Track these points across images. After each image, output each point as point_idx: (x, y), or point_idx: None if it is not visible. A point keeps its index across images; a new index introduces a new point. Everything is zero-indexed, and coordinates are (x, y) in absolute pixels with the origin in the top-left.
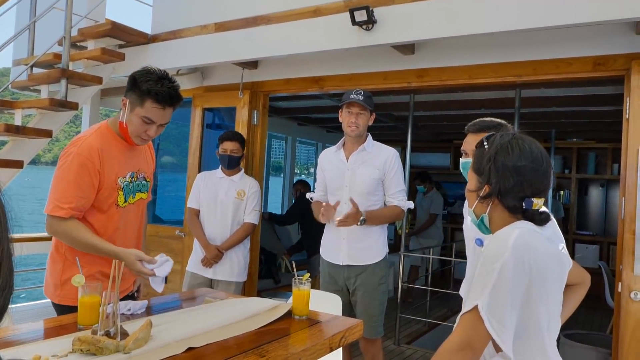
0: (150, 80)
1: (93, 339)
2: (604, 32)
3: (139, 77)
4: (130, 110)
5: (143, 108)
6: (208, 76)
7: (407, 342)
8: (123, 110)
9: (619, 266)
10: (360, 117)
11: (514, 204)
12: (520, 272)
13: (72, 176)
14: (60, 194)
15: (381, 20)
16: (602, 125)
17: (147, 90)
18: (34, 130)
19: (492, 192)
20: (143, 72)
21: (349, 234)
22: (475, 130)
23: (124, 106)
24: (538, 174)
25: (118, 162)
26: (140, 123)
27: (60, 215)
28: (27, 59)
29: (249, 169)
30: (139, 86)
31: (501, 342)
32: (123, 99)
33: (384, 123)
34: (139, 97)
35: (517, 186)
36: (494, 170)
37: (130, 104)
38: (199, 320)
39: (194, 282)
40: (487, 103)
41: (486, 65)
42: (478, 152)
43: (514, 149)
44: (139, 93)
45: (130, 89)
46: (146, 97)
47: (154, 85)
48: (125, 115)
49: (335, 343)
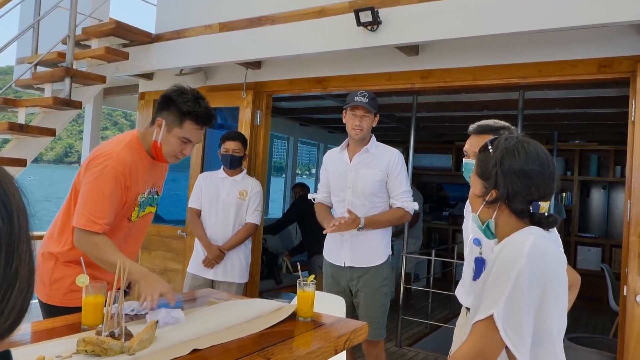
0: (189, 101)
1: (98, 339)
2: (609, 34)
3: (176, 97)
4: (168, 131)
5: (182, 129)
6: (211, 76)
7: (409, 344)
8: (157, 131)
9: (624, 269)
10: (364, 119)
11: (522, 208)
12: (535, 280)
13: (107, 191)
14: (96, 208)
15: (386, 21)
16: (604, 127)
17: (188, 112)
18: (37, 128)
19: (499, 197)
20: (178, 92)
21: (351, 235)
22: (478, 132)
23: (159, 127)
24: (545, 177)
25: (142, 179)
26: (178, 143)
27: (94, 231)
28: (31, 57)
29: (252, 170)
30: (179, 107)
31: (517, 353)
32: (158, 119)
33: (386, 124)
34: (177, 118)
35: (525, 190)
36: (501, 175)
37: (167, 125)
38: (204, 321)
39: (194, 283)
40: (490, 104)
41: (491, 67)
42: (482, 156)
43: (520, 153)
44: (178, 114)
45: (166, 109)
46: (186, 118)
47: (193, 107)
48: (161, 135)
49: (340, 346)
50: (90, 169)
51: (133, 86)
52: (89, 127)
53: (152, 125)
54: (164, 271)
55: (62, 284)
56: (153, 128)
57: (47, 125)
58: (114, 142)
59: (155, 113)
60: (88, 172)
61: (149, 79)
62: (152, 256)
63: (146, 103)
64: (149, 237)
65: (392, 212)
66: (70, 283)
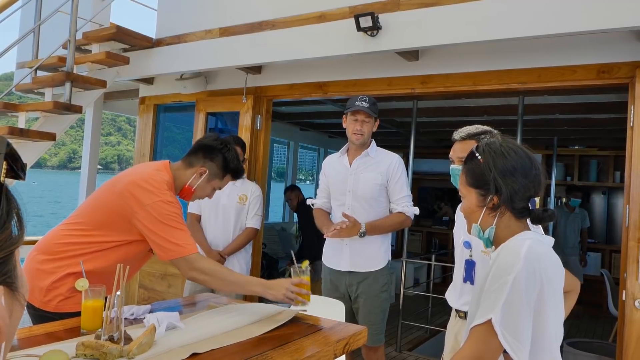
0: (235, 158)
1: (97, 343)
2: (608, 40)
3: (224, 152)
4: (207, 180)
5: (222, 181)
6: (212, 81)
7: (409, 348)
8: (197, 177)
9: (623, 274)
10: (365, 124)
11: (523, 205)
12: (532, 283)
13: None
14: (181, 236)
15: (386, 26)
16: (604, 133)
17: (233, 169)
18: (37, 133)
19: (503, 201)
20: (225, 146)
21: (351, 240)
22: (462, 138)
23: (200, 175)
24: (533, 172)
25: None
26: (211, 191)
27: (195, 252)
28: (32, 61)
29: (252, 174)
30: (226, 163)
31: (516, 357)
32: (202, 168)
33: (386, 129)
34: (221, 171)
35: (523, 187)
36: (500, 177)
37: (209, 175)
38: (203, 325)
39: (195, 288)
40: (490, 110)
41: (490, 72)
42: (471, 165)
43: (510, 153)
44: (224, 169)
45: (211, 160)
46: (228, 173)
47: (237, 164)
48: (199, 183)
49: (339, 350)
50: (157, 206)
51: (133, 91)
52: (90, 132)
53: (188, 167)
54: (164, 276)
55: (60, 292)
56: (190, 171)
57: (48, 130)
58: (160, 172)
59: (195, 158)
60: (157, 210)
61: (149, 84)
62: (152, 261)
63: (146, 108)
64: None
65: (393, 217)
66: (67, 290)
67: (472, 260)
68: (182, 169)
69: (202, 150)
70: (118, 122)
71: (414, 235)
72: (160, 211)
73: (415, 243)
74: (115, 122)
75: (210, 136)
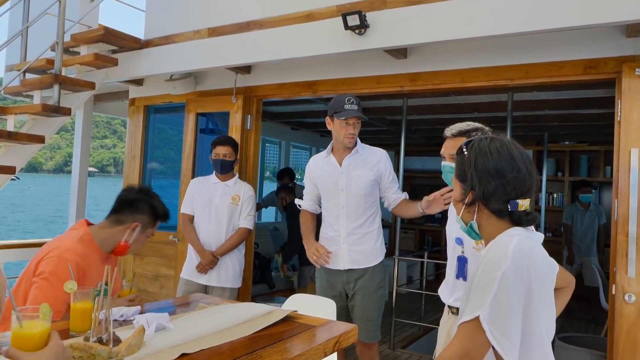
0: (160, 203)
1: (85, 345)
2: (594, 35)
3: (150, 200)
4: (141, 232)
5: (154, 228)
6: (201, 81)
7: (402, 346)
8: (130, 233)
9: (613, 268)
10: (357, 127)
11: (499, 207)
12: (520, 280)
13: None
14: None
15: (373, 24)
16: (594, 128)
17: (163, 214)
18: (26, 135)
19: (476, 198)
20: (146, 194)
21: (347, 237)
22: (453, 135)
23: (133, 230)
24: (520, 174)
25: (95, 273)
26: (145, 241)
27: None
28: (20, 64)
29: (243, 174)
30: (155, 211)
31: (504, 354)
32: (134, 223)
33: (377, 127)
34: (152, 220)
35: (500, 189)
36: (475, 175)
37: (142, 227)
38: (193, 325)
39: (188, 289)
40: (480, 106)
41: (478, 69)
42: (459, 159)
43: (493, 153)
44: (155, 217)
45: (139, 212)
46: (159, 220)
47: (164, 208)
48: (133, 237)
49: (329, 348)
50: (46, 261)
51: (123, 92)
52: (80, 134)
53: (117, 224)
54: (157, 277)
55: None
56: (121, 228)
57: (37, 132)
58: (66, 237)
59: (122, 216)
60: (44, 264)
61: (139, 85)
62: (145, 262)
63: (136, 109)
64: None
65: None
66: None
67: (464, 256)
68: (110, 227)
69: (128, 206)
70: (113, 125)
71: (406, 233)
72: (48, 264)
73: (408, 241)
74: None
75: (129, 189)
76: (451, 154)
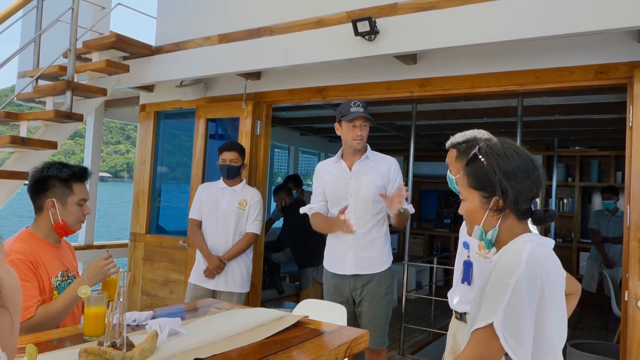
0: (60, 169)
1: (99, 350)
2: (606, 40)
3: (46, 172)
4: (62, 204)
5: (75, 193)
6: (211, 87)
7: (412, 352)
8: (53, 212)
9: (625, 274)
10: (364, 129)
11: (526, 207)
12: (533, 286)
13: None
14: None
15: (383, 30)
16: (604, 133)
17: (67, 176)
18: (39, 141)
19: (509, 203)
20: (42, 170)
21: (355, 242)
22: (453, 145)
23: (53, 207)
24: (536, 173)
25: (48, 263)
26: (77, 209)
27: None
28: (33, 71)
29: (252, 180)
30: (59, 178)
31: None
32: (47, 201)
33: (386, 132)
34: (63, 185)
35: (527, 188)
36: (504, 180)
37: (60, 199)
38: (205, 331)
39: (196, 293)
40: (489, 112)
41: (489, 75)
42: (473, 167)
43: (512, 154)
44: (63, 182)
45: (47, 189)
46: (71, 181)
47: (68, 171)
48: (58, 213)
49: (340, 354)
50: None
51: (134, 98)
52: (91, 140)
53: (40, 212)
54: (166, 282)
55: None
56: (45, 213)
57: (49, 138)
58: (4, 244)
59: (37, 202)
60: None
61: (149, 91)
62: (155, 267)
63: (147, 115)
64: (150, 248)
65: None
66: None
67: (470, 261)
68: (38, 217)
69: (36, 191)
70: (127, 131)
71: (415, 239)
72: None
73: (417, 246)
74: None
75: (30, 177)
76: (453, 164)
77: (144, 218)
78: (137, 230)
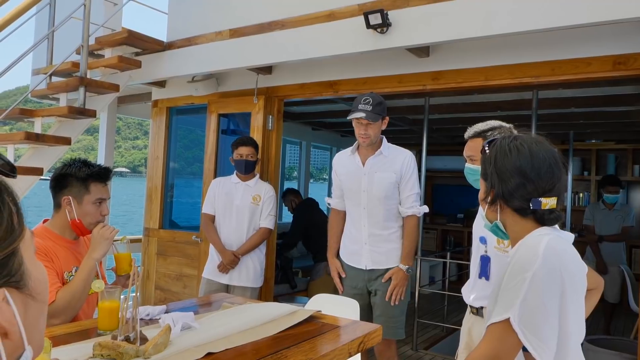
0: (80, 168)
1: (113, 344)
2: (623, 30)
3: (68, 171)
4: (79, 203)
5: (92, 193)
6: (223, 82)
7: (425, 347)
8: (69, 209)
9: None
10: (369, 127)
11: (521, 206)
12: (553, 281)
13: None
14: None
15: (395, 23)
16: (621, 126)
17: (85, 175)
18: (53, 137)
19: (496, 196)
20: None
21: (370, 238)
22: (470, 137)
23: (68, 205)
24: (541, 172)
25: (62, 258)
26: (94, 208)
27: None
28: (46, 68)
29: (265, 174)
30: (76, 177)
31: (538, 356)
32: (64, 199)
33: (399, 126)
34: (80, 184)
35: (520, 187)
36: (495, 173)
37: (76, 198)
38: (218, 325)
39: (209, 288)
40: (503, 105)
41: (502, 67)
42: (483, 158)
43: (512, 151)
44: (80, 183)
45: (65, 187)
46: (89, 182)
47: (87, 170)
48: (74, 211)
49: (354, 348)
50: None
51: (146, 94)
52: (104, 135)
53: (58, 209)
54: (180, 277)
55: None
56: (62, 211)
57: (63, 134)
58: None
59: (56, 200)
60: None
61: (161, 87)
62: (168, 262)
63: (159, 110)
64: (164, 243)
65: (409, 232)
66: None
67: (487, 255)
68: (56, 214)
69: (55, 189)
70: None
71: (428, 233)
72: None
73: (430, 241)
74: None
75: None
76: (469, 156)
77: (157, 213)
78: (150, 226)
